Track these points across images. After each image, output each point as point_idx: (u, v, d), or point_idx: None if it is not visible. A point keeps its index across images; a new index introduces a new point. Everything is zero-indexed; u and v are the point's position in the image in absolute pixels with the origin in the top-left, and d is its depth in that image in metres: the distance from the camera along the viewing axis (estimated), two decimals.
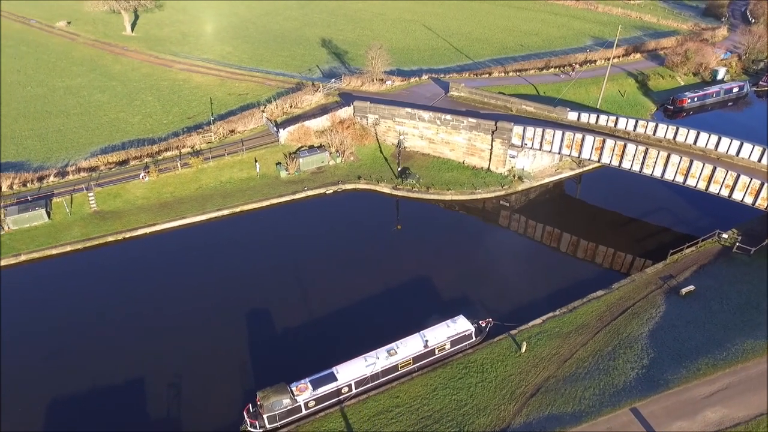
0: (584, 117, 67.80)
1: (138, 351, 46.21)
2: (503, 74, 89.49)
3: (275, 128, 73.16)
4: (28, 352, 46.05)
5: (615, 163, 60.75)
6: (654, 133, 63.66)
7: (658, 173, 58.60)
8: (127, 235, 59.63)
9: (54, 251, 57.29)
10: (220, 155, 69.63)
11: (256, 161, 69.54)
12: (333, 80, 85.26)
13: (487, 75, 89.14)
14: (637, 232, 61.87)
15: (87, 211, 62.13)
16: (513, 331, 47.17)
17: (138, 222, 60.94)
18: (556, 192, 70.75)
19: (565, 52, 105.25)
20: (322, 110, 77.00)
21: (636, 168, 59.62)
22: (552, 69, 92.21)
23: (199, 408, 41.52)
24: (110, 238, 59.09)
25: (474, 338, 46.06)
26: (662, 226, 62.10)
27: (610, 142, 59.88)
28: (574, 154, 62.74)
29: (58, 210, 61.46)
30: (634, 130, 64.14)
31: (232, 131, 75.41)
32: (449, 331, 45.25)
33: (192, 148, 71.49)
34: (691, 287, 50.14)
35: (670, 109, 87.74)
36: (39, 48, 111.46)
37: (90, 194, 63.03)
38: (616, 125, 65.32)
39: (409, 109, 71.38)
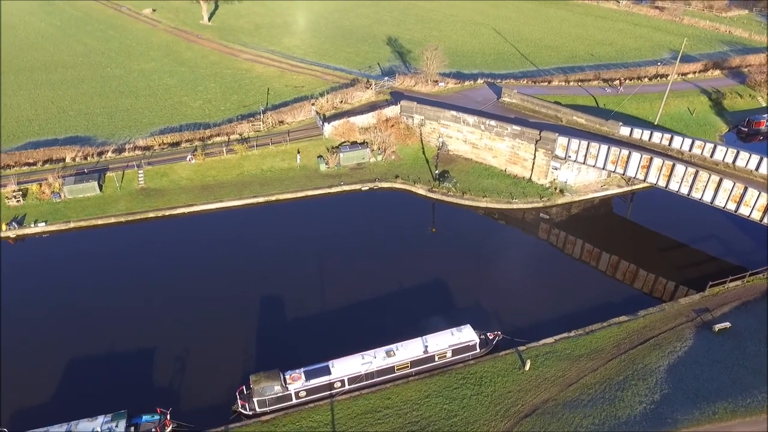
0: (637, 133, 63.98)
1: (154, 322, 48.68)
2: (564, 83, 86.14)
3: (321, 122, 74.40)
4: (50, 312, 49.94)
5: (662, 183, 57.00)
6: (711, 155, 59.03)
7: (707, 198, 54.44)
8: (167, 213, 62.79)
9: (99, 221, 61.34)
10: (265, 144, 71.76)
11: (298, 153, 71.06)
12: (386, 78, 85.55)
13: (546, 83, 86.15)
14: (681, 259, 57.69)
15: (135, 187, 66.00)
16: (521, 348, 45.46)
17: (178, 201, 64.00)
18: (601, 209, 67.32)
19: (638, 64, 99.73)
20: (371, 107, 77.40)
21: (684, 190, 55.67)
22: (597, 81, 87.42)
23: (199, 382, 43.10)
24: (151, 215, 62.46)
25: (478, 349, 44.83)
26: (710, 255, 57.52)
27: (657, 161, 56.23)
28: (619, 170, 59.45)
29: (110, 184, 65.67)
30: (690, 150, 59.77)
31: (281, 122, 77.44)
32: (452, 340, 44.31)
33: (240, 135, 74.10)
34: (727, 324, 46.20)
35: (744, 131, 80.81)
36: (124, 32, 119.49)
37: (140, 171, 66.92)
38: (670, 144, 61.17)
39: (454, 112, 70.37)
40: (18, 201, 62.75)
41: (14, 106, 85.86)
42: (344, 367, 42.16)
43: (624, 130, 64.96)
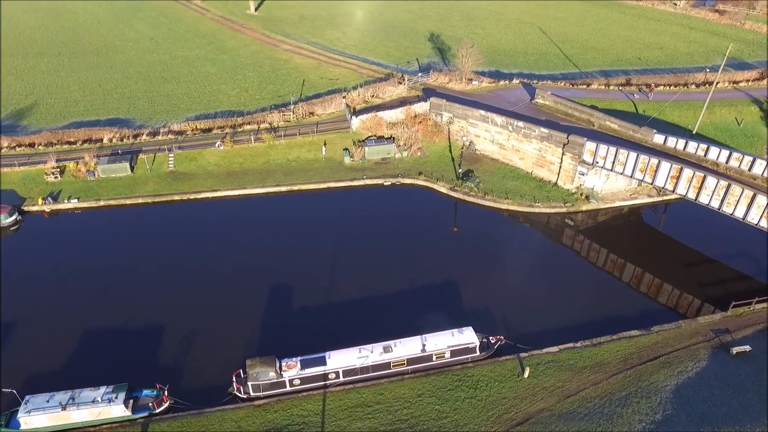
0: (671, 141, 61.11)
1: (164, 301, 50.31)
2: (604, 87, 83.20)
3: (350, 115, 74.66)
4: (70, 284, 52.41)
5: (691, 195, 54.37)
6: (750, 169, 55.78)
7: (739, 213, 51.59)
8: (192, 196, 64.55)
9: (128, 201, 63.69)
10: (293, 134, 72.64)
11: (324, 144, 71.60)
12: (420, 74, 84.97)
13: (585, 86, 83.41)
14: (707, 275, 54.92)
15: (164, 170, 68.13)
16: (523, 354, 44.46)
17: (203, 186, 65.68)
18: (630, 218, 64.85)
19: (687, 70, 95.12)
20: (401, 103, 77.06)
21: (714, 204, 52.95)
22: (635, 86, 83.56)
23: (199, 362, 44.28)
24: (176, 197, 64.37)
25: (478, 352, 44.13)
26: (739, 273, 54.56)
27: (688, 172, 53.65)
28: (648, 179, 57.05)
29: (141, 165, 68.03)
30: (727, 162, 56.65)
31: (312, 113, 78.15)
32: (452, 341, 43.76)
33: (270, 124, 75.26)
34: (747, 348, 43.79)
35: None
36: (174, 20, 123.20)
37: (170, 155, 69.02)
38: (706, 154, 58.14)
39: (483, 111, 69.20)
40: (56, 177, 65.88)
41: (64, 87, 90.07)
42: (340, 359, 42.33)
43: (658, 138, 62.23)
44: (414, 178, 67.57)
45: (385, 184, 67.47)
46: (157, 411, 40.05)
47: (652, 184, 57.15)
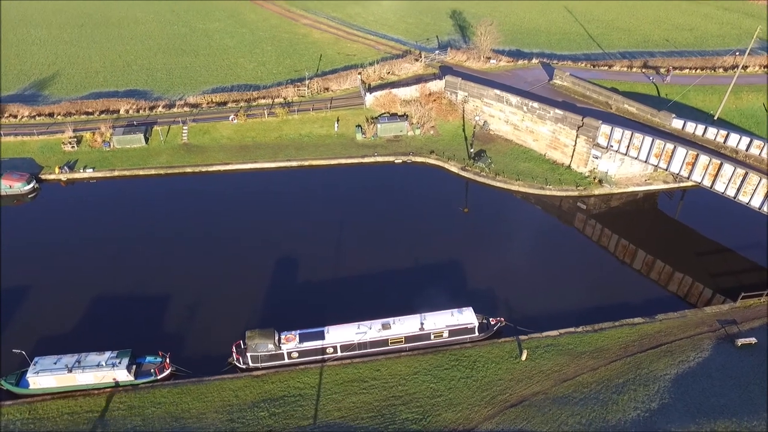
0: (690, 127, 59.31)
1: (171, 270, 51.38)
2: (626, 69, 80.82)
3: (365, 91, 74.12)
4: (82, 251, 53.74)
5: (707, 182, 52.95)
6: None
7: (756, 203, 50.13)
8: (203, 169, 65.23)
9: (141, 172, 64.68)
10: (306, 110, 72.56)
11: (337, 120, 71.38)
12: (437, 52, 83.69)
13: (606, 67, 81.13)
14: (719, 265, 53.61)
15: (178, 142, 68.83)
16: (523, 337, 44.34)
17: (215, 159, 66.26)
18: (645, 204, 63.42)
19: (717, 53, 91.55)
20: (416, 80, 76.16)
21: (730, 192, 51.50)
22: (662, 69, 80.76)
23: (202, 332, 45.27)
24: (188, 170, 65.15)
25: (476, 333, 44.15)
26: (752, 264, 53.18)
27: (704, 158, 52.17)
28: (662, 165, 55.66)
29: (155, 137, 68.84)
30: (747, 149, 54.82)
31: (326, 89, 77.79)
32: (451, 320, 43.81)
33: (285, 99, 75.21)
34: (753, 340, 42.87)
35: None
36: None
37: (184, 127, 69.64)
38: (725, 141, 56.29)
39: (497, 91, 68.02)
40: (72, 147, 67.13)
41: (85, 58, 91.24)
42: (339, 334, 42.79)
43: (677, 123, 60.46)
44: (425, 157, 67.08)
45: (395, 161, 67.15)
46: (159, 377, 41.15)
47: (666, 169, 55.77)
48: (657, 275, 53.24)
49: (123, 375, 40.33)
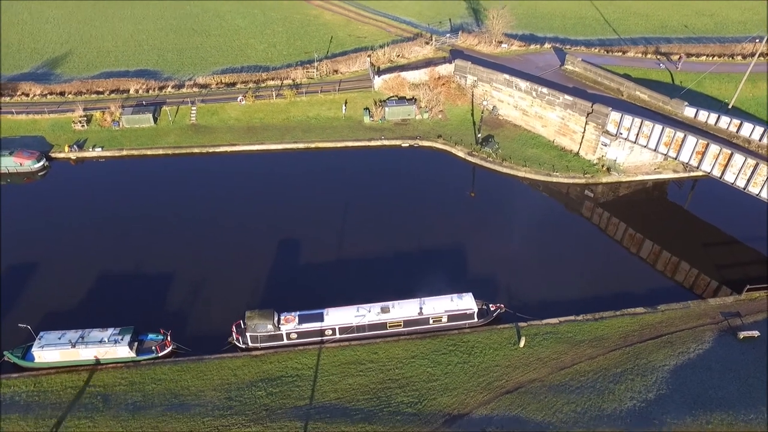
0: (702, 115, 58.10)
1: (175, 250, 51.93)
2: (641, 55, 79.14)
3: (374, 74, 73.59)
4: (89, 230, 54.60)
5: (716, 173, 52.02)
6: None
7: (765, 194, 49.15)
8: (210, 149, 65.50)
9: (149, 152, 65.15)
10: (314, 92, 72.30)
11: (345, 103, 71.07)
12: (448, 35, 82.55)
13: (620, 53, 79.50)
14: (726, 256, 52.83)
15: (186, 123, 69.09)
16: (522, 324, 44.25)
17: (222, 140, 66.46)
18: (654, 193, 62.46)
19: (737, 39, 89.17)
20: (426, 64, 75.38)
21: (740, 183, 50.57)
22: (680, 56, 78.61)
23: (204, 310, 45.87)
24: (195, 150, 65.48)
25: (475, 319, 44.15)
26: (763, 256, 52.28)
27: (714, 148, 51.18)
28: (672, 154, 54.75)
29: (164, 117, 69.13)
30: (760, 140, 53.60)
31: (336, 71, 77.36)
32: (450, 305, 43.85)
33: (293, 81, 74.96)
34: (755, 333, 42.40)
35: None
36: None
37: (193, 108, 69.83)
38: (738, 130, 55.06)
39: (507, 76, 67.12)
40: (82, 126, 67.69)
41: (98, 37, 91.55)
42: (337, 317, 43.06)
43: (689, 111, 59.25)
44: (432, 141, 66.64)
45: (402, 145, 66.84)
46: (160, 354, 41.84)
47: (676, 158, 54.86)
48: (663, 265, 52.64)
49: (125, 351, 41.05)
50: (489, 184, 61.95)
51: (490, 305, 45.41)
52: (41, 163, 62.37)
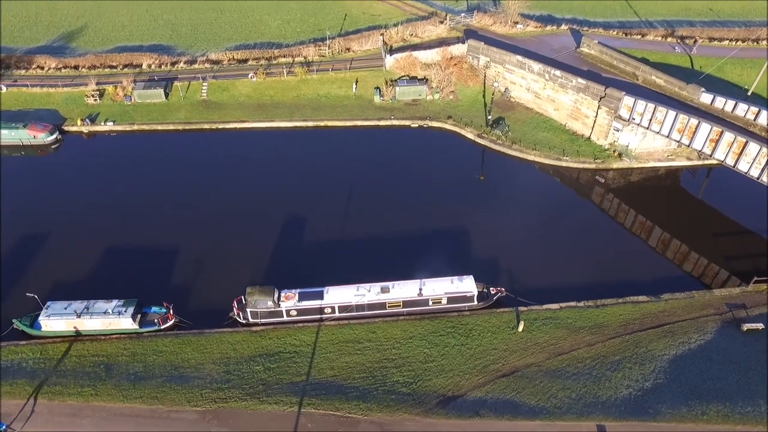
0: (719, 102, 56.55)
1: (182, 224, 52.57)
2: (660, 38, 77.09)
3: (386, 53, 72.82)
4: (98, 203, 55.48)
5: (730, 161, 50.81)
6: None
7: None
8: (220, 126, 65.75)
9: (159, 127, 65.62)
10: (325, 70, 71.90)
11: (356, 82, 70.58)
12: (463, 14, 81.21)
13: (639, 36, 77.54)
14: (738, 247, 51.84)
15: (197, 98, 69.30)
16: (522, 308, 44.12)
17: (232, 116, 66.61)
18: (666, 181, 61.32)
19: (766, 24, 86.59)
20: (439, 43, 74.33)
21: (754, 173, 49.34)
22: (702, 40, 76.07)
23: (207, 286, 46.46)
24: (205, 126, 65.76)
25: (475, 302, 44.09)
26: None
27: (728, 136, 49.90)
28: (685, 141, 53.54)
29: (176, 93, 69.40)
30: None
31: (348, 49, 76.74)
32: (450, 287, 43.80)
33: (305, 58, 74.56)
34: (759, 325, 41.73)
35: None
36: None
37: (204, 84, 69.98)
38: (756, 118, 53.58)
39: (520, 57, 65.91)
40: (95, 100, 68.27)
41: (113, 11, 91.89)
42: (337, 295, 43.32)
43: (705, 97, 57.72)
44: (442, 122, 66.01)
45: (412, 125, 66.35)
46: (162, 327, 42.61)
47: (689, 146, 53.62)
48: (671, 254, 51.80)
49: (128, 323, 41.87)
50: (498, 167, 61.34)
51: (491, 288, 45.27)
52: (54, 136, 63.20)
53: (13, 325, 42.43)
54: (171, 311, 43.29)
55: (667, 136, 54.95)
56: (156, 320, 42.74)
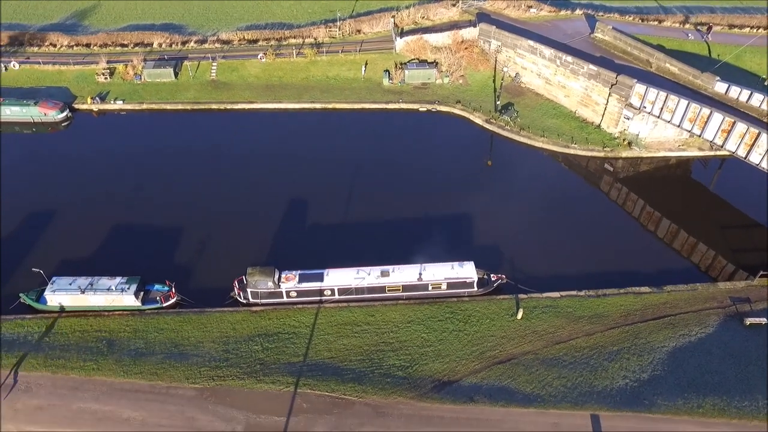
0: (734, 91, 55.24)
1: (186, 204, 53.02)
2: (678, 25, 75.26)
3: (396, 36, 72.10)
4: (107, 182, 56.02)
5: (741, 152, 49.79)
6: None
7: None
8: (228, 106, 65.86)
9: (168, 106, 65.90)
10: (335, 51, 71.44)
11: (365, 64, 70.07)
12: None
13: (656, 22, 75.78)
14: (747, 241, 51.03)
15: (206, 78, 69.36)
16: (522, 296, 43.96)
17: (241, 97, 66.64)
18: (677, 171, 60.36)
19: None
20: (450, 26, 73.40)
21: (765, 165, 48.33)
22: (722, 27, 74.07)
23: (209, 264, 47.06)
24: (213, 106, 65.91)
25: (475, 288, 44.04)
26: None
27: (741, 127, 48.83)
28: (696, 131, 52.52)
29: (185, 72, 69.51)
30: None
31: (359, 31, 76.15)
32: (450, 273, 43.78)
33: (315, 39, 74.11)
34: (762, 320, 41.21)
35: None
36: None
37: (214, 64, 69.98)
38: None
39: (531, 42, 64.87)
40: (105, 78, 68.63)
41: None
42: (337, 278, 43.54)
43: (720, 87, 56.42)
44: (451, 107, 65.44)
45: (420, 110, 65.86)
46: (164, 305, 43.21)
47: (700, 135, 52.61)
48: (678, 246, 51.11)
49: (131, 300, 42.51)
50: (505, 153, 60.78)
51: (492, 275, 45.17)
52: (64, 114, 63.76)
53: (20, 299, 43.33)
54: (173, 289, 43.85)
55: (678, 126, 53.94)
56: (158, 298, 43.34)
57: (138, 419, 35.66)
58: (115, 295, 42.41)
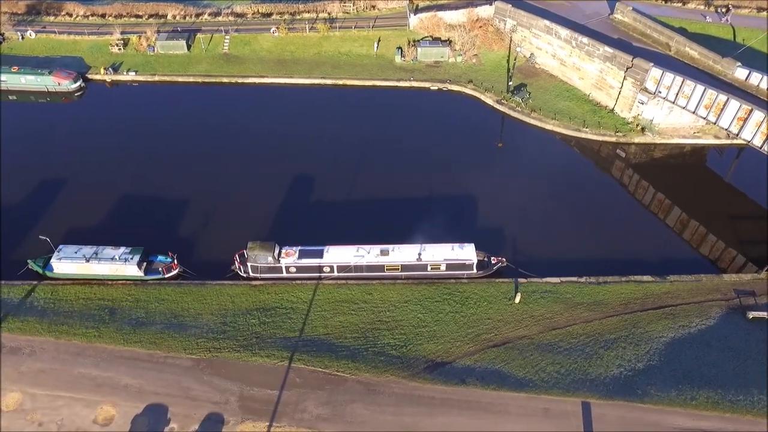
0: (755, 78, 53.44)
1: (196, 175, 53.57)
2: (703, 6, 72.58)
3: (410, 12, 70.96)
4: (116, 153, 56.79)
5: (757, 142, 48.36)
6: None
7: None
8: (239, 80, 65.79)
9: (180, 78, 66.08)
10: (348, 27, 70.64)
11: (378, 41, 69.21)
12: None
13: (679, 4, 73.10)
14: (758, 233, 49.71)
15: (219, 51, 69.23)
16: (522, 280, 43.72)
17: (252, 71, 66.49)
18: (691, 159, 58.84)
19: None
20: (466, 4, 71.74)
21: None
22: (749, 10, 70.78)
23: (212, 237, 47.66)
24: (224, 80, 65.92)
25: (474, 270, 43.90)
26: None
27: (758, 115, 47.32)
28: (711, 118, 51.08)
29: (198, 45, 69.44)
30: None
31: (373, 6, 74.96)
32: (450, 254, 43.68)
33: (329, 14, 73.28)
34: (766, 314, 40.41)
35: None
36: None
37: (226, 37, 69.72)
38: None
39: (547, 22, 63.28)
40: (119, 49, 68.91)
41: None
42: (337, 255, 43.73)
43: (740, 73, 54.63)
44: (462, 86, 64.50)
45: (431, 88, 65.07)
46: (166, 276, 43.91)
47: (715, 123, 51.18)
48: (687, 236, 50.09)
49: (134, 270, 43.27)
50: (513, 135, 59.92)
51: (492, 258, 44.93)
52: (78, 84, 64.35)
53: (28, 265, 44.38)
54: (176, 261, 44.52)
55: (694, 112, 52.50)
56: (160, 269, 44.04)
57: (135, 387, 36.53)
58: (118, 264, 43.21)
